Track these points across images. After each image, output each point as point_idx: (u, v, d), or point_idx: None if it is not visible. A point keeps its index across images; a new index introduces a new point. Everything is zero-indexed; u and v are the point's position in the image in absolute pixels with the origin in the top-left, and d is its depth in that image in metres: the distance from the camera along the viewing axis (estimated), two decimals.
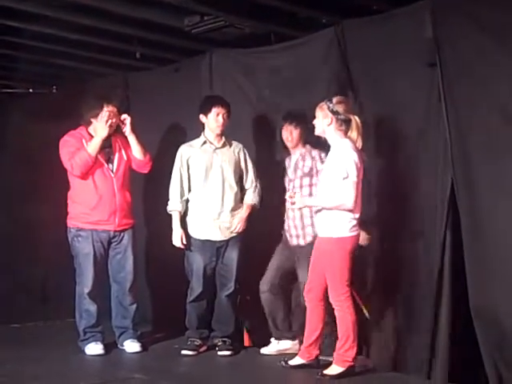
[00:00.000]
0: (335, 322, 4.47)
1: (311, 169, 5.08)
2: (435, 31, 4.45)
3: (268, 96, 5.48)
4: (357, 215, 4.43)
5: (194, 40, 5.78)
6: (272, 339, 5.23)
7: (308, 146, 5.18)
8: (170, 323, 5.78)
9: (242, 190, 5.34)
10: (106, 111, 5.21)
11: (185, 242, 5.23)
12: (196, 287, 5.24)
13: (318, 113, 4.54)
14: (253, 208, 5.32)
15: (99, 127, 5.21)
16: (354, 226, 4.42)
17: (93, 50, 6.21)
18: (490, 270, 4.25)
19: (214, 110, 5.21)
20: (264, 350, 5.20)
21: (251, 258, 5.31)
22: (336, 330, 4.47)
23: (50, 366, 4.80)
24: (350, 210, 4.37)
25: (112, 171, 5.28)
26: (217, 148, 5.29)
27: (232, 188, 5.25)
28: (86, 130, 5.30)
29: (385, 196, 4.82)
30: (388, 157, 4.82)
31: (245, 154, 5.36)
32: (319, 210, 4.52)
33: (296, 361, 4.71)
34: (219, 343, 5.25)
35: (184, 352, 5.19)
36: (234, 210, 5.25)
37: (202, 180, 5.24)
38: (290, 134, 5.16)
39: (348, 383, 4.32)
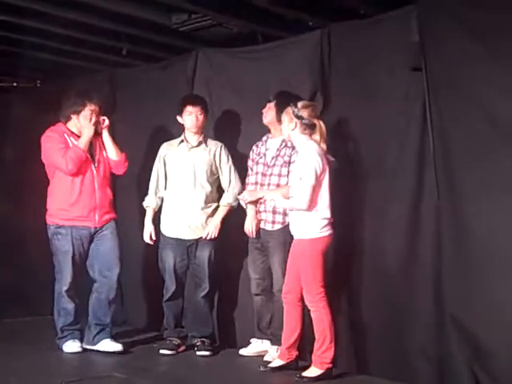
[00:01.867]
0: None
1: (291, 159, 5.00)
2: (421, 36, 4.46)
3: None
4: (327, 215, 4.49)
5: (182, 38, 5.77)
6: (252, 340, 5.21)
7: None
8: (148, 322, 5.77)
9: (218, 190, 5.35)
10: (88, 109, 5.18)
11: (154, 238, 5.26)
12: (170, 286, 5.26)
13: (284, 117, 4.63)
14: (229, 209, 5.31)
15: (84, 126, 5.18)
16: (324, 226, 4.49)
17: (79, 45, 6.14)
18: (470, 276, 4.23)
19: (187, 109, 5.25)
20: (243, 351, 5.17)
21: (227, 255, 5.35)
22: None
23: (28, 363, 4.76)
24: (308, 210, 4.42)
25: (94, 167, 5.22)
26: (193, 147, 5.31)
27: (203, 187, 5.25)
28: (65, 125, 5.26)
29: (363, 203, 4.82)
30: (369, 160, 4.81)
31: (221, 154, 5.34)
32: (292, 212, 4.61)
33: (276, 362, 4.71)
34: (198, 343, 5.24)
35: (163, 351, 5.17)
36: (204, 209, 5.25)
37: (174, 178, 5.30)
38: (267, 109, 5.09)
39: None
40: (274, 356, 4.84)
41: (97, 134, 5.30)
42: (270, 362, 4.76)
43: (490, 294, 4.10)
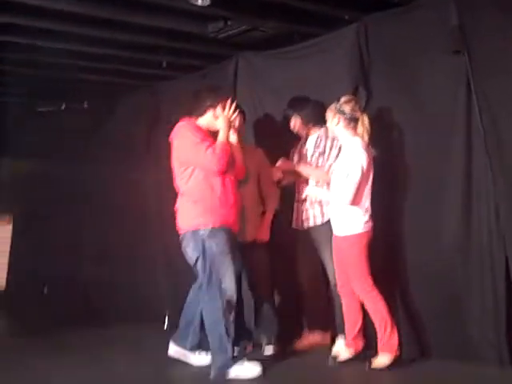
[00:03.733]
0: None
1: (326, 148, 5.08)
2: (460, 18, 4.42)
3: None
4: (368, 210, 4.54)
5: (219, 45, 5.83)
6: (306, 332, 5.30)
7: (325, 127, 5.09)
8: None
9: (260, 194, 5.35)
10: (226, 103, 4.71)
11: None
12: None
13: (328, 114, 4.68)
14: (274, 214, 5.34)
15: (222, 120, 4.67)
16: (366, 222, 4.53)
17: (120, 62, 6.29)
18: None
19: None
20: (298, 344, 5.25)
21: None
22: None
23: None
24: (352, 205, 4.47)
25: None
26: None
27: (251, 191, 5.24)
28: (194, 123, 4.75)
29: (411, 188, 4.79)
30: (416, 150, 4.77)
31: (262, 158, 5.35)
32: (333, 209, 4.66)
33: (344, 355, 4.74)
34: (264, 342, 5.25)
35: None
36: (254, 212, 5.25)
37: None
38: (292, 122, 5.24)
39: (398, 373, 4.34)
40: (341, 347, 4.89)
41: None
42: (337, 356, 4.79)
43: None
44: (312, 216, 5.13)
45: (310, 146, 5.24)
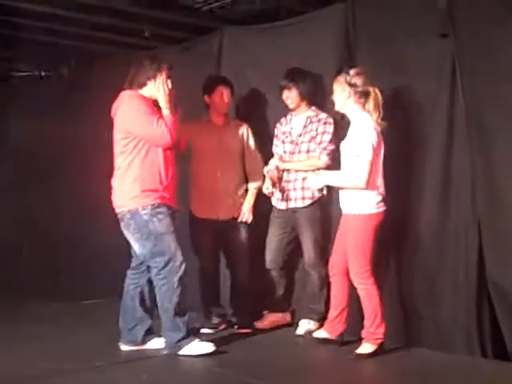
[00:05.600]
0: None
1: (318, 132, 5.04)
2: (448, 1, 4.38)
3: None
4: (381, 192, 4.39)
5: (204, 18, 5.75)
6: (265, 312, 5.35)
7: (314, 108, 5.15)
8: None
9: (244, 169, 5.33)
10: (165, 75, 4.53)
11: None
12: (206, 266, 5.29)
13: (336, 87, 4.48)
14: (257, 192, 5.31)
15: (161, 91, 4.49)
16: (379, 202, 4.39)
17: (101, 29, 6.17)
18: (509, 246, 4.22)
19: (217, 90, 5.20)
20: (258, 324, 5.27)
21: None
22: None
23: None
24: (366, 188, 4.32)
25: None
26: (221, 127, 5.27)
27: (235, 168, 5.25)
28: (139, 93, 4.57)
29: (396, 168, 4.73)
30: (399, 130, 4.73)
31: (248, 135, 5.32)
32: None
33: (320, 334, 4.72)
34: (237, 321, 5.28)
35: (203, 331, 5.20)
36: (236, 190, 5.25)
37: (204, 159, 5.22)
38: (288, 94, 5.11)
39: (380, 361, 4.32)
40: (306, 328, 4.96)
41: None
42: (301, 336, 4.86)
43: None
44: (294, 198, 5.12)
45: (296, 125, 5.17)
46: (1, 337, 4.95)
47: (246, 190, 5.31)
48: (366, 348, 4.38)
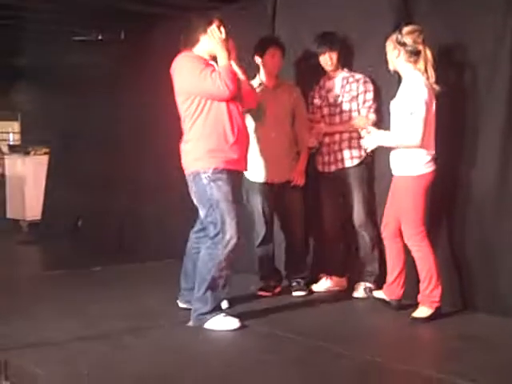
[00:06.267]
0: None
1: (359, 92, 5.02)
2: None
3: None
4: (431, 151, 4.32)
5: None
6: (321, 275, 5.33)
7: (347, 70, 5.14)
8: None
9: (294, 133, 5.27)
10: (216, 25, 4.34)
11: None
12: (260, 230, 5.24)
13: (389, 46, 4.42)
14: (309, 151, 5.26)
15: (217, 41, 4.31)
16: (428, 162, 4.32)
17: None
18: None
19: (269, 51, 5.13)
20: (315, 287, 5.28)
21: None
22: None
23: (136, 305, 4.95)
24: (421, 146, 4.24)
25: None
26: (273, 89, 5.21)
27: (287, 130, 5.20)
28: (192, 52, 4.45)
29: (454, 131, 4.63)
30: (457, 90, 4.61)
31: (299, 98, 5.26)
32: (391, 148, 4.43)
33: (379, 294, 4.71)
34: (294, 284, 5.28)
35: (260, 293, 5.22)
36: (289, 152, 5.21)
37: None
38: (329, 57, 5.08)
39: (437, 325, 4.28)
40: (363, 290, 5.00)
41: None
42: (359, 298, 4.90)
43: None
44: (340, 159, 5.09)
45: (335, 87, 5.14)
46: (70, 300, 5.15)
47: (298, 153, 5.26)
48: (422, 312, 4.34)
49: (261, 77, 5.25)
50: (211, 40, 4.32)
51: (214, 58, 4.37)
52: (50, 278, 6.20)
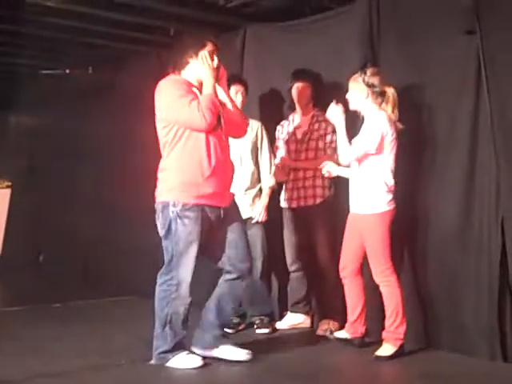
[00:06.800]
0: None
1: (327, 132, 5.04)
2: None
3: None
4: (392, 188, 4.36)
5: (228, 15, 5.74)
6: (288, 313, 5.31)
7: (318, 109, 5.15)
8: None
9: (258, 169, 5.28)
10: (208, 50, 4.12)
11: None
12: None
13: (352, 86, 4.44)
14: (272, 192, 5.27)
15: (206, 68, 4.09)
16: (391, 200, 4.36)
17: (127, 28, 6.18)
18: None
19: (233, 88, 5.13)
20: (279, 325, 5.26)
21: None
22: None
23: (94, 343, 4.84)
24: (384, 181, 4.30)
25: (221, 129, 4.20)
26: None
27: (249, 167, 5.21)
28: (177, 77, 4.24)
29: (419, 167, 4.68)
30: (422, 128, 4.67)
31: (262, 134, 5.28)
32: (354, 187, 4.47)
33: (341, 334, 4.68)
34: (257, 321, 5.24)
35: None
36: (250, 189, 5.21)
37: None
38: (302, 90, 5.11)
39: (400, 363, 4.26)
40: (327, 328, 4.93)
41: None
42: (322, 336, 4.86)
43: None
44: (304, 196, 5.10)
45: (304, 124, 5.17)
46: (30, 337, 5.03)
47: (260, 190, 5.28)
48: (386, 349, 4.32)
49: None
50: (201, 66, 4.12)
51: (202, 84, 4.17)
52: (10, 314, 6.09)
